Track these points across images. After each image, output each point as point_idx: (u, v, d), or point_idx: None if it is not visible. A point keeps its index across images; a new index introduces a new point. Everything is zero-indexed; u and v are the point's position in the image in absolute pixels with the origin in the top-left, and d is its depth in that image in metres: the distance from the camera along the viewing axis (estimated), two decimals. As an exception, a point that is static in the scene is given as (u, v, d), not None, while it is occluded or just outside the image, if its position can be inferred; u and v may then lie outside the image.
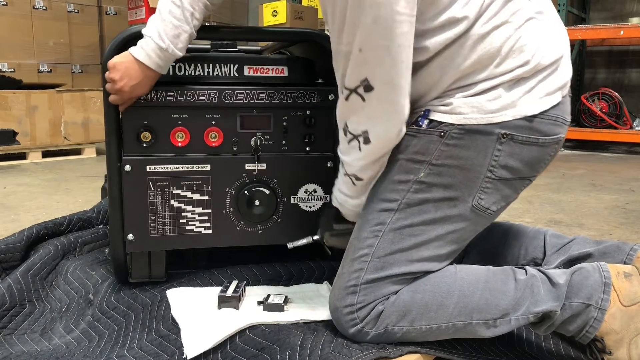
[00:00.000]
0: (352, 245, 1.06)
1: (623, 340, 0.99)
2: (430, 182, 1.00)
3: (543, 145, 1.00)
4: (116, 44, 1.18)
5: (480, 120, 0.96)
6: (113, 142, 1.22)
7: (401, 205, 1.01)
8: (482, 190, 1.00)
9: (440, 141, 0.98)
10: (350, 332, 1.02)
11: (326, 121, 1.32)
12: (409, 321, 1.00)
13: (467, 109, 0.97)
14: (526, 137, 0.98)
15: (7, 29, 4.04)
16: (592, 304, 0.99)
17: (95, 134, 4.21)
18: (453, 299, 1.00)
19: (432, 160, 0.99)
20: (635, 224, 2.42)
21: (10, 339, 1.20)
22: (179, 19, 1.12)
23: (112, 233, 1.25)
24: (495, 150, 0.98)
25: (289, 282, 1.31)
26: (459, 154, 0.98)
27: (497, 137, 0.97)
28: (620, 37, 4.54)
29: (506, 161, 0.99)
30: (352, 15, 0.91)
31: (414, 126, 1.01)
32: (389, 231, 1.01)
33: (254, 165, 1.28)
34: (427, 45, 0.96)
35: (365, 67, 0.94)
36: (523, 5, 0.99)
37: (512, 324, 1.00)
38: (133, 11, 4.34)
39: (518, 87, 0.97)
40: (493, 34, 0.95)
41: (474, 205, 1.01)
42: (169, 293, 1.20)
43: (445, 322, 1.00)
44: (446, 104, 0.98)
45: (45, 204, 2.63)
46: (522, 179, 1.03)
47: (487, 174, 0.99)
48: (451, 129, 0.98)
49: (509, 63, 0.96)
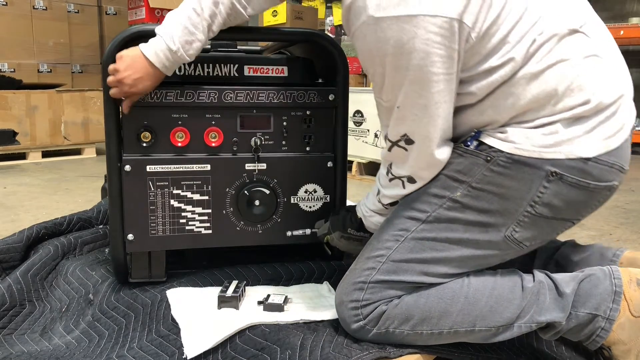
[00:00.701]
0: (370, 245, 1.06)
1: (631, 352, 0.97)
2: (465, 203, 0.98)
3: (593, 191, 0.95)
4: (116, 44, 1.18)
5: (532, 153, 0.93)
6: (113, 142, 1.22)
7: (430, 218, 1.00)
8: (518, 223, 0.97)
9: (485, 165, 0.96)
10: (352, 328, 1.02)
11: (326, 121, 1.32)
12: (410, 325, 1.00)
13: (520, 138, 0.94)
14: (577, 180, 0.93)
15: (7, 29, 4.04)
16: (600, 314, 0.97)
17: (95, 134, 4.21)
18: (457, 306, 0.99)
19: (473, 182, 0.97)
20: (635, 224, 2.42)
21: (10, 339, 1.20)
22: (196, 27, 1.12)
23: (112, 233, 1.25)
24: (541, 186, 0.94)
25: (289, 282, 1.31)
26: (502, 182, 0.95)
27: (545, 173, 0.93)
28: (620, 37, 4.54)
29: (550, 199, 0.95)
30: (390, 77, 0.92)
31: (462, 145, 0.99)
32: (410, 239, 1.01)
33: (254, 165, 1.28)
34: (473, 90, 0.95)
35: (404, 124, 0.96)
36: (581, 42, 0.95)
37: (514, 332, 0.99)
38: (133, 11, 4.34)
39: (577, 126, 0.93)
40: (547, 73, 0.92)
41: (506, 235, 0.98)
42: (169, 293, 1.20)
43: (448, 329, 0.99)
44: (500, 131, 0.96)
45: (45, 204, 2.63)
46: (564, 221, 0.99)
47: (527, 208, 0.96)
48: (499, 156, 0.95)
49: (568, 101, 0.92)
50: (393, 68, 0.91)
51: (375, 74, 0.95)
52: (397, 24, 0.87)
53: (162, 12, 4.21)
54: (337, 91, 1.30)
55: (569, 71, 0.92)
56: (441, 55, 0.88)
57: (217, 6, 1.13)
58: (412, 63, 0.89)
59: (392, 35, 0.88)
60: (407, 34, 0.87)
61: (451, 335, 1.00)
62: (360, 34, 0.93)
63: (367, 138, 3.40)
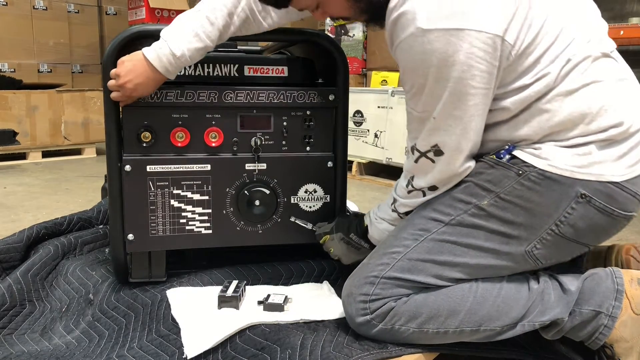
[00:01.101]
0: (387, 241, 1.07)
1: (633, 349, 0.99)
2: (491, 212, 0.98)
3: (615, 219, 0.97)
4: (116, 44, 1.18)
5: (564, 172, 0.94)
6: (113, 142, 1.22)
7: (453, 221, 1.01)
8: (540, 240, 0.98)
9: (515, 179, 0.97)
10: (358, 321, 1.02)
11: (326, 121, 1.32)
12: (417, 323, 1.00)
13: (554, 156, 0.95)
14: (603, 205, 0.95)
15: (7, 29, 4.03)
16: (603, 311, 0.99)
17: (95, 134, 4.21)
18: (466, 306, 0.99)
19: (501, 193, 0.98)
20: (635, 224, 2.41)
21: (10, 339, 1.20)
22: (208, 36, 1.12)
23: (112, 233, 1.25)
24: (569, 207, 0.95)
25: (289, 280, 1.31)
26: (531, 197, 0.96)
27: (575, 194, 0.94)
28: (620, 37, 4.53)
29: (575, 221, 0.96)
30: (430, 88, 0.93)
31: (494, 157, 1.00)
32: (430, 239, 1.01)
33: (254, 165, 1.28)
34: (507, 105, 0.96)
35: (437, 135, 0.96)
36: (612, 65, 0.98)
37: (517, 330, 1.00)
38: (133, 11, 4.34)
39: (610, 149, 0.95)
40: (582, 91, 0.94)
41: (527, 250, 0.99)
42: (169, 293, 1.20)
43: (454, 328, 1.00)
44: (534, 147, 0.97)
45: (45, 204, 2.63)
46: (582, 245, 1.00)
47: (552, 226, 0.97)
48: (531, 171, 0.96)
49: (601, 121, 0.94)
50: (434, 79, 0.92)
51: (415, 85, 0.96)
52: (445, 36, 0.89)
53: (162, 12, 4.21)
54: (337, 91, 1.30)
55: (602, 92, 0.95)
56: (481, 70, 0.90)
57: (232, 18, 1.13)
58: (454, 75, 0.91)
59: (438, 47, 0.90)
60: (453, 47, 0.89)
61: (456, 334, 1.01)
62: (406, 45, 0.93)
63: (367, 138, 3.40)
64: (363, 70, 4.19)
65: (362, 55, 4.19)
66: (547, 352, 1.09)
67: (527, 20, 0.92)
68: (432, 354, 1.04)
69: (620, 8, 5.32)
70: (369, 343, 1.02)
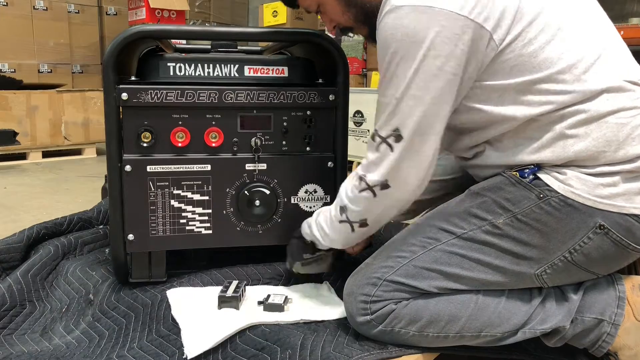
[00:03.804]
0: (392, 244, 1.05)
1: (637, 356, 0.98)
2: (505, 231, 0.97)
3: (629, 253, 0.96)
4: (116, 44, 1.18)
5: (587, 201, 0.92)
6: (113, 142, 1.21)
7: (465, 235, 0.99)
8: (551, 266, 0.97)
9: (536, 202, 0.95)
10: (358, 321, 1.02)
11: (326, 121, 1.32)
12: (418, 327, 1.00)
13: (578, 184, 0.93)
14: (619, 238, 0.93)
15: (8, 29, 4.03)
16: (605, 319, 0.98)
17: (96, 134, 4.21)
18: (467, 311, 0.99)
19: (519, 214, 0.96)
20: None
21: (10, 339, 1.20)
22: None
23: (112, 233, 1.25)
24: (586, 236, 0.94)
25: (289, 281, 1.31)
26: (549, 222, 0.94)
27: (594, 224, 0.93)
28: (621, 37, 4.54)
29: (590, 251, 0.95)
30: (396, 67, 0.92)
31: (517, 175, 0.97)
32: (439, 250, 1.00)
33: (254, 165, 1.28)
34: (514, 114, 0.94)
35: (398, 116, 0.94)
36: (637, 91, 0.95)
37: (518, 337, 1.00)
38: (133, 11, 4.34)
39: (635, 182, 0.93)
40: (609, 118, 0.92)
41: (536, 274, 0.98)
42: (169, 293, 1.20)
43: (454, 333, 1.00)
44: (559, 172, 0.95)
45: (46, 204, 2.63)
46: (592, 274, 0.99)
47: (565, 253, 0.96)
48: (553, 196, 0.94)
49: (629, 150, 0.92)
50: (401, 57, 0.91)
51: (383, 63, 0.94)
52: (414, 13, 0.88)
53: (162, 12, 4.21)
54: (338, 91, 1.30)
55: (630, 120, 0.92)
56: (448, 52, 0.89)
57: None
58: (419, 53, 0.89)
59: (406, 23, 0.89)
60: (420, 24, 0.88)
61: (457, 339, 1.00)
62: (381, 24, 0.93)
63: (367, 138, 3.40)
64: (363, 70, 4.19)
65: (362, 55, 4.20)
66: (549, 354, 1.09)
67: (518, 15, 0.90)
68: (432, 355, 1.04)
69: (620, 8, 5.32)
70: (369, 343, 1.02)
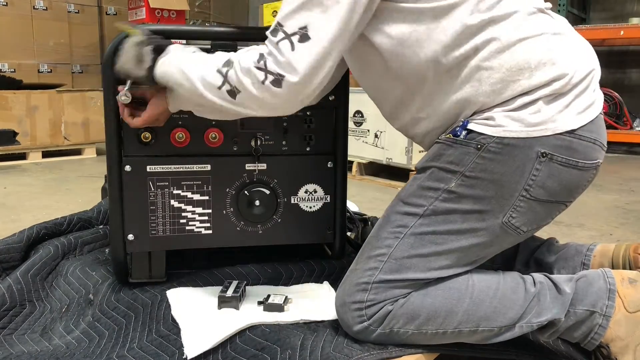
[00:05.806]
0: (369, 243, 1.05)
1: (629, 347, 0.99)
2: (460, 192, 0.98)
3: (582, 169, 0.98)
4: (116, 44, 1.18)
5: (520, 134, 0.94)
6: (113, 142, 1.21)
7: (427, 212, 1.00)
8: (515, 209, 0.98)
9: (476, 153, 0.96)
10: (355, 329, 1.02)
11: (326, 121, 1.32)
12: (416, 325, 1.00)
13: (508, 122, 0.95)
14: (565, 159, 0.96)
15: (7, 29, 4.04)
16: (597, 310, 0.99)
17: (95, 134, 4.21)
18: (463, 306, 1.00)
19: (466, 171, 0.97)
20: (635, 224, 2.42)
21: (10, 339, 1.20)
22: None
23: (112, 233, 1.25)
24: (533, 169, 0.95)
25: (289, 281, 1.31)
26: (495, 168, 0.96)
27: (536, 155, 0.95)
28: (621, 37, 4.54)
29: (544, 181, 0.96)
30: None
31: (450, 136, 0.99)
32: (410, 235, 1.00)
33: (254, 165, 1.28)
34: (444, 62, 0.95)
35: (309, 15, 0.91)
36: (547, 20, 0.99)
37: (515, 332, 1.00)
38: (133, 11, 4.34)
39: (556, 102, 0.95)
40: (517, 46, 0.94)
41: (503, 222, 0.99)
42: (169, 293, 1.20)
43: (452, 328, 1.00)
44: (487, 117, 0.97)
45: (46, 204, 2.63)
46: (558, 203, 1.01)
47: (522, 192, 0.97)
48: (489, 142, 0.95)
49: (542, 75, 0.94)
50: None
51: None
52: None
53: (162, 12, 4.21)
54: (338, 91, 1.30)
55: (539, 45, 0.95)
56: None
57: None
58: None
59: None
60: None
61: (455, 335, 1.01)
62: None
63: (367, 138, 3.41)
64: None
65: (362, 55, 4.19)
66: (546, 353, 1.09)
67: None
68: (432, 355, 1.04)
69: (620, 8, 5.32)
70: (369, 344, 1.02)
